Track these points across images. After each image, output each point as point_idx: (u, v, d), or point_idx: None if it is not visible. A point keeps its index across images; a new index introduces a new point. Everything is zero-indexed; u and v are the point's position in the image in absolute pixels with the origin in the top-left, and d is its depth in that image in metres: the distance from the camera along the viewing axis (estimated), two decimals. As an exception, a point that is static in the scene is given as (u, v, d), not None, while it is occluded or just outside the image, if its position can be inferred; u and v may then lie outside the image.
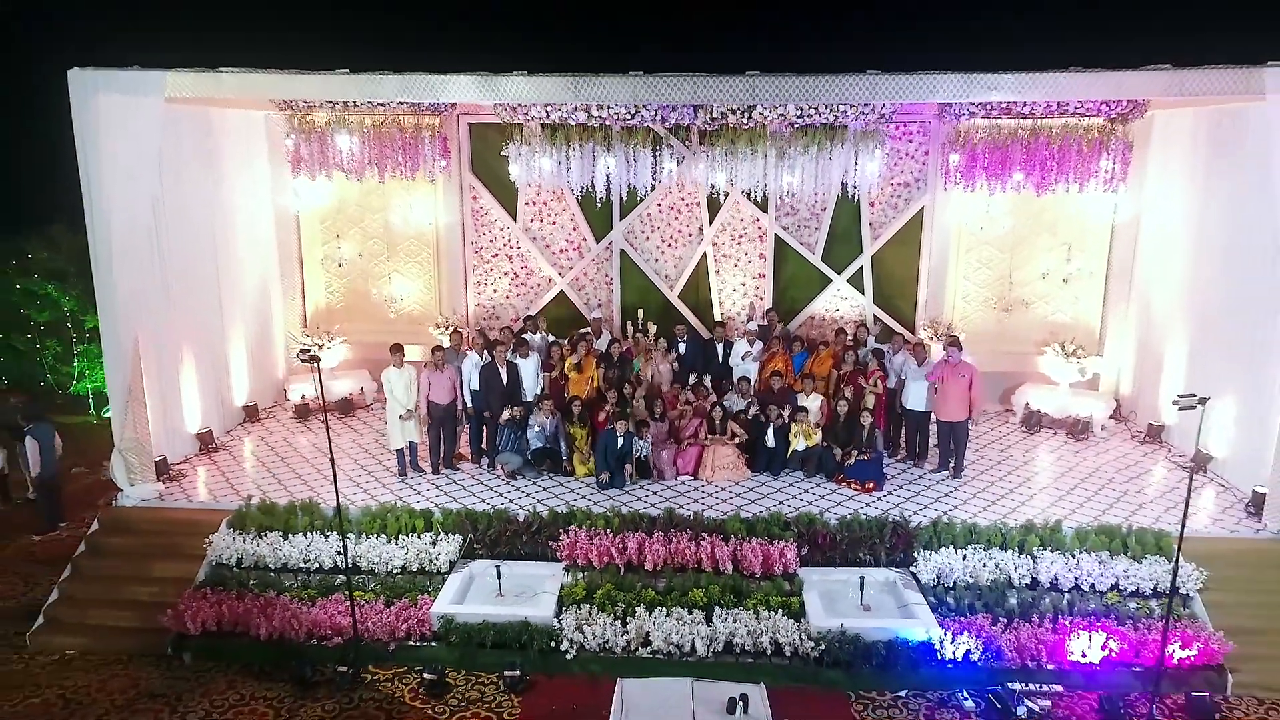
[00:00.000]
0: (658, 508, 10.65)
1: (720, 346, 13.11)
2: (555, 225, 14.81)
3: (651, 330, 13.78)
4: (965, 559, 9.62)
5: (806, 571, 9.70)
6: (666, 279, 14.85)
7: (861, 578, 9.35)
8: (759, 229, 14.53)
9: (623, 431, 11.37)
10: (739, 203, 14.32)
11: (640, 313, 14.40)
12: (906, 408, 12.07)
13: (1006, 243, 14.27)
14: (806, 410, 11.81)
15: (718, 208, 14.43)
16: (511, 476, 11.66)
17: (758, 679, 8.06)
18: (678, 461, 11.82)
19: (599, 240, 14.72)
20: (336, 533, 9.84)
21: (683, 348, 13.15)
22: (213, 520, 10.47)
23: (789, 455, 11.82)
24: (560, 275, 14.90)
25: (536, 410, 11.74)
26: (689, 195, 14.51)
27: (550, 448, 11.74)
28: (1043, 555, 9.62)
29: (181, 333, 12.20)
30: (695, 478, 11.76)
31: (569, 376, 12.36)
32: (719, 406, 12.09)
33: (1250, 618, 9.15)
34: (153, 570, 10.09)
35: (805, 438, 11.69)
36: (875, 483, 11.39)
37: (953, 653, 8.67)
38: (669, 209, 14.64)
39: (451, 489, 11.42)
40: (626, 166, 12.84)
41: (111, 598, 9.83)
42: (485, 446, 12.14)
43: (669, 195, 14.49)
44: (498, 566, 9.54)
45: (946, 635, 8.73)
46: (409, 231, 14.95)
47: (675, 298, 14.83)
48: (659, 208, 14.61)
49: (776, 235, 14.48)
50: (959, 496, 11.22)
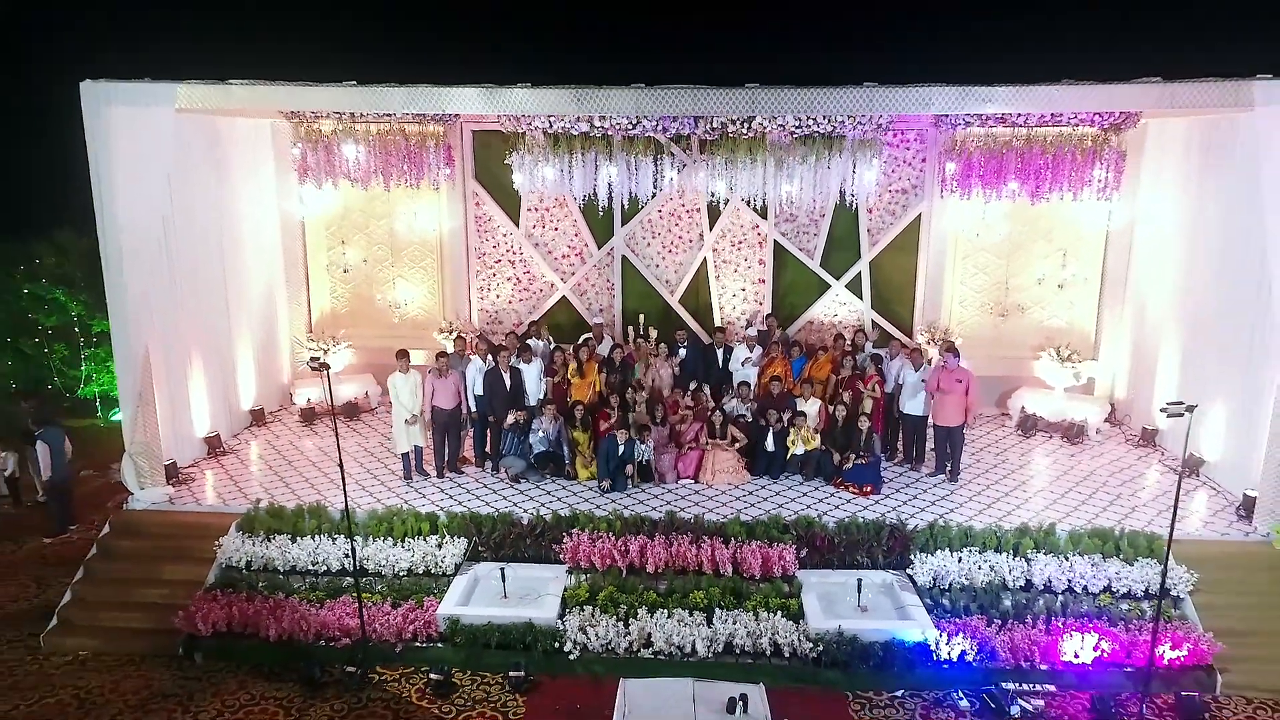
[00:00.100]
0: (659, 511, 10.78)
1: (720, 352, 13.22)
2: (557, 231, 14.95)
3: (653, 335, 13.88)
4: (961, 561, 9.76)
5: (805, 574, 9.83)
6: (667, 284, 14.99)
7: (859, 580, 9.48)
8: (758, 235, 14.68)
9: (623, 439, 11.52)
10: (739, 209, 14.46)
11: (642, 318, 14.53)
12: (904, 412, 12.20)
13: (1003, 249, 14.43)
14: (805, 415, 11.93)
15: (718, 214, 14.56)
16: (515, 480, 11.81)
17: (757, 679, 8.15)
18: (679, 465, 11.96)
19: (601, 246, 14.86)
20: (344, 535, 9.99)
21: (683, 353, 13.24)
22: (222, 523, 10.60)
23: (788, 459, 11.95)
24: (562, 281, 15.04)
25: (539, 415, 11.88)
26: (689, 202, 14.64)
27: (553, 452, 11.87)
28: (1037, 558, 9.75)
29: (190, 338, 12.33)
30: (696, 481, 11.90)
31: (571, 381, 12.48)
32: (719, 411, 12.20)
33: (1240, 619, 9.30)
34: (163, 573, 10.22)
35: (804, 442, 11.81)
36: (873, 486, 11.52)
37: (948, 653, 8.81)
38: (670, 215, 14.78)
39: (456, 492, 11.55)
40: (628, 175, 12.94)
41: (123, 600, 9.98)
42: (489, 450, 12.28)
43: (670, 202, 14.61)
44: (502, 569, 9.69)
45: (942, 636, 8.87)
46: (413, 237, 15.08)
47: (676, 303, 14.97)
48: (660, 214, 14.75)
49: (776, 241, 14.62)
50: (955, 500, 11.36)
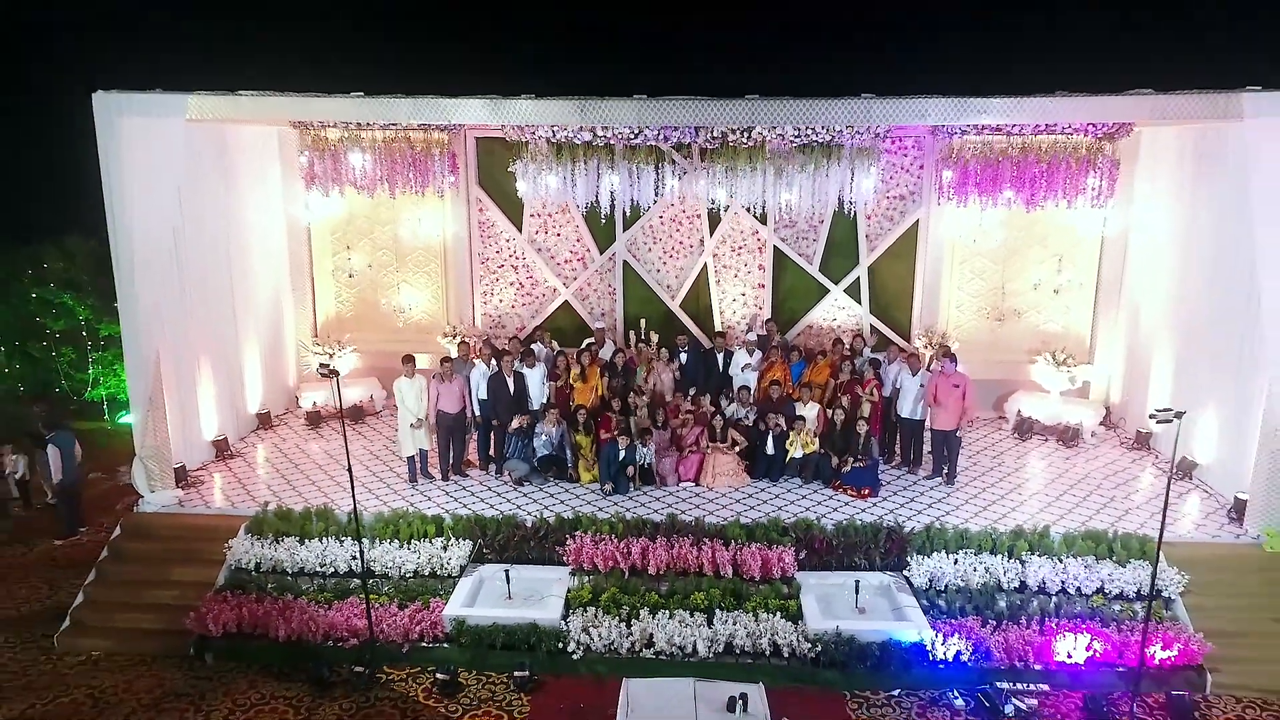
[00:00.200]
0: (660, 513, 10.94)
1: (720, 356, 13.35)
2: (560, 237, 15.11)
3: (654, 340, 14.03)
4: (957, 563, 9.93)
5: (804, 575, 9.99)
6: (668, 289, 15.15)
7: (857, 581, 9.65)
8: (758, 241, 14.84)
9: (624, 445, 11.69)
10: (739, 215, 14.62)
11: (643, 322, 14.69)
12: (902, 416, 12.35)
13: (999, 254, 14.60)
14: (804, 419, 12.09)
15: (718, 220, 14.72)
16: (519, 483, 11.97)
17: (757, 679, 8.28)
18: (680, 468, 12.12)
19: (602, 251, 15.03)
20: (352, 538, 10.16)
21: (684, 357, 13.37)
22: (230, 526, 10.77)
23: (787, 462, 12.10)
24: (564, 286, 15.22)
25: (543, 419, 12.04)
26: (690, 208, 14.80)
27: (556, 455, 12.05)
28: (1031, 560, 9.92)
29: (198, 343, 12.49)
30: (696, 484, 12.06)
31: (574, 386, 12.63)
32: (719, 415, 12.35)
33: (1230, 620, 9.46)
34: (173, 574, 10.39)
35: (803, 445, 11.98)
36: (871, 489, 11.68)
37: (944, 653, 8.97)
38: (670, 221, 14.94)
39: (461, 495, 11.72)
40: (630, 182, 13.09)
41: (134, 601, 10.15)
42: (493, 454, 12.44)
43: (671, 208, 14.78)
44: (507, 570, 9.84)
45: (938, 637, 9.03)
46: (417, 243, 15.24)
47: (677, 308, 15.13)
48: (661, 220, 14.91)
49: (775, 247, 14.79)
50: (951, 503, 11.52)
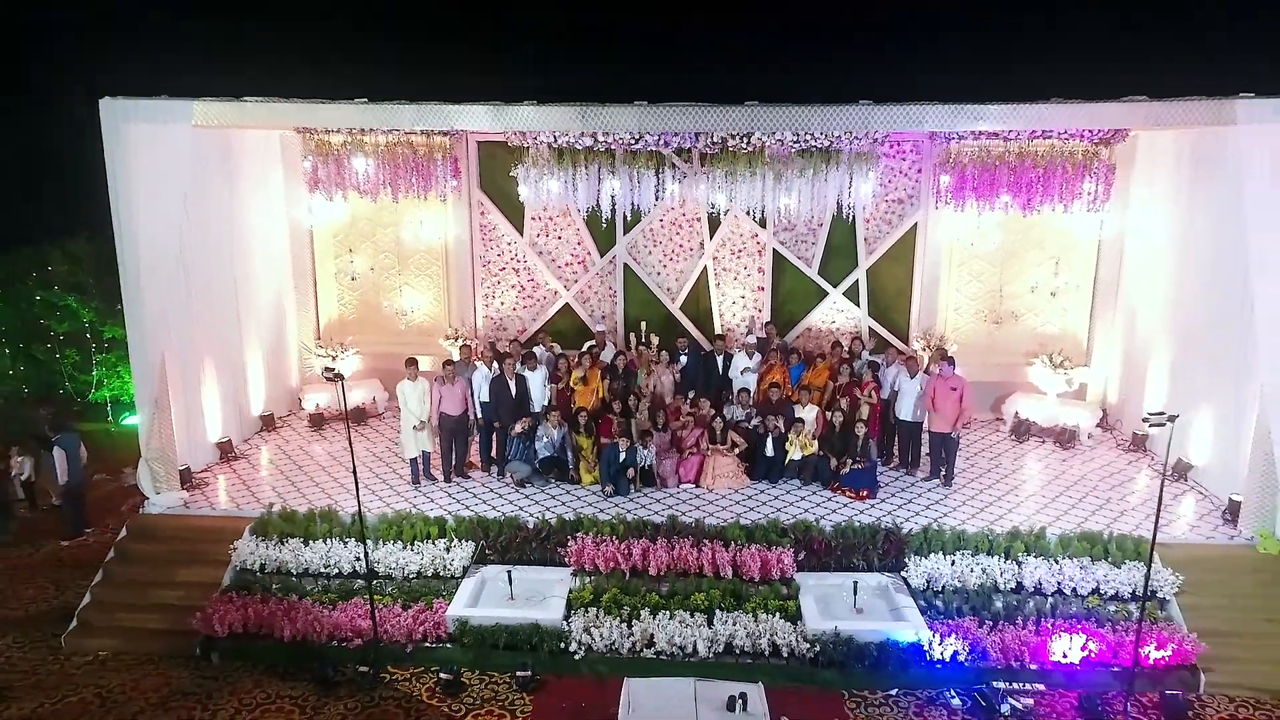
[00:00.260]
0: (661, 515, 11.03)
1: (720, 359, 13.45)
2: (561, 240, 15.22)
3: (654, 342, 14.15)
4: (954, 564, 10.02)
5: (803, 576, 10.08)
6: (668, 292, 15.26)
7: (855, 582, 9.75)
8: (758, 244, 14.95)
9: (625, 447, 11.80)
10: (738, 218, 14.73)
11: (643, 325, 14.81)
12: (900, 418, 12.45)
13: (997, 257, 14.71)
14: (803, 421, 12.19)
15: (718, 223, 14.84)
16: (520, 485, 12.08)
17: (756, 678, 8.36)
18: (680, 470, 12.22)
19: (603, 254, 15.14)
20: (356, 539, 10.27)
21: (684, 360, 13.45)
22: (235, 527, 10.86)
23: (786, 464, 12.21)
24: (566, 289, 15.33)
25: (544, 421, 12.15)
26: (690, 211, 14.91)
27: (558, 457, 12.16)
28: (1027, 561, 10.01)
29: (203, 345, 12.60)
30: (697, 486, 12.16)
31: (575, 388, 12.74)
32: (719, 417, 12.44)
33: (1224, 621, 9.56)
34: (179, 575, 10.48)
35: (802, 447, 12.08)
36: (869, 491, 11.78)
37: (941, 653, 9.07)
38: (671, 224, 15.06)
39: (463, 497, 11.82)
40: (630, 186, 13.21)
41: (141, 602, 10.24)
42: (495, 456, 12.55)
43: (671, 211, 14.88)
44: (509, 571, 9.93)
45: (935, 637, 9.13)
46: (419, 246, 15.35)
47: (677, 310, 15.24)
48: (661, 223, 15.02)
49: (775, 250, 14.90)
50: (949, 504, 11.62)
